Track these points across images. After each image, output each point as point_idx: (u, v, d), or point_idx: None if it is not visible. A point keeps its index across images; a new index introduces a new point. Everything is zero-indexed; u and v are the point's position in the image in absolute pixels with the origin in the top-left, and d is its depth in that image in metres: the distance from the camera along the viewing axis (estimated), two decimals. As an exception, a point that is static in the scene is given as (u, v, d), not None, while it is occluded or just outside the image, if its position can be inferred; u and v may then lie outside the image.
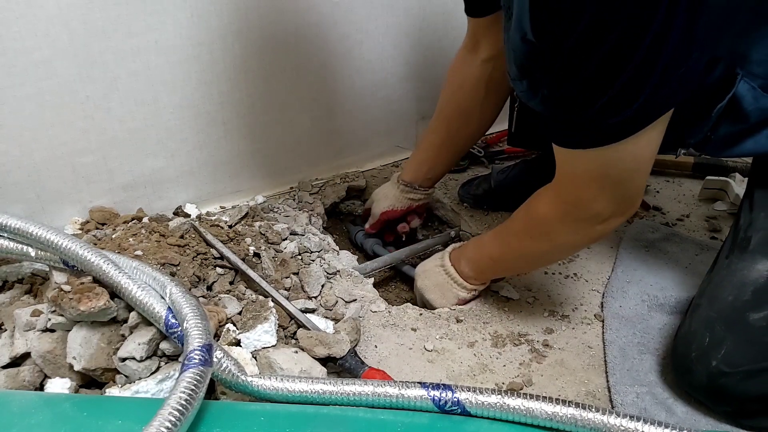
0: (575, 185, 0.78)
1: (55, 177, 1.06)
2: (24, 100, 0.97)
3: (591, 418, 0.61)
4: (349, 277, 1.05)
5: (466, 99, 1.10)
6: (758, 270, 0.80)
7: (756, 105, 0.78)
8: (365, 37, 1.27)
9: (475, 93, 1.08)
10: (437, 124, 1.15)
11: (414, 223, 1.26)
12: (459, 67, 1.10)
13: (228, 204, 1.27)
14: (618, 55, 0.62)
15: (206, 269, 0.94)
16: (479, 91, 1.08)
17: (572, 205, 0.80)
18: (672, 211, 1.29)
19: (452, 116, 1.12)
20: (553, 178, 0.82)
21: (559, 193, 0.81)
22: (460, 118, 1.12)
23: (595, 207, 0.78)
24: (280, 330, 0.87)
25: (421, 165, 1.18)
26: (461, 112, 1.11)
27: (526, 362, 0.91)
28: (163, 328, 0.72)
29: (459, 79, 1.10)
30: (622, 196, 0.78)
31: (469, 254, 0.99)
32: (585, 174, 0.76)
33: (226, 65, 1.13)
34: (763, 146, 0.81)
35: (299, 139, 1.32)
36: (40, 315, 0.80)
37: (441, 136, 1.14)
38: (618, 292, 1.03)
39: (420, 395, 0.66)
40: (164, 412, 0.54)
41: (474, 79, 1.07)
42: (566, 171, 0.78)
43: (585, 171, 0.76)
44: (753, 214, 0.85)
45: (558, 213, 0.82)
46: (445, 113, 1.13)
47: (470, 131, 1.13)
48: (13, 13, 0.90)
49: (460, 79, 1.09)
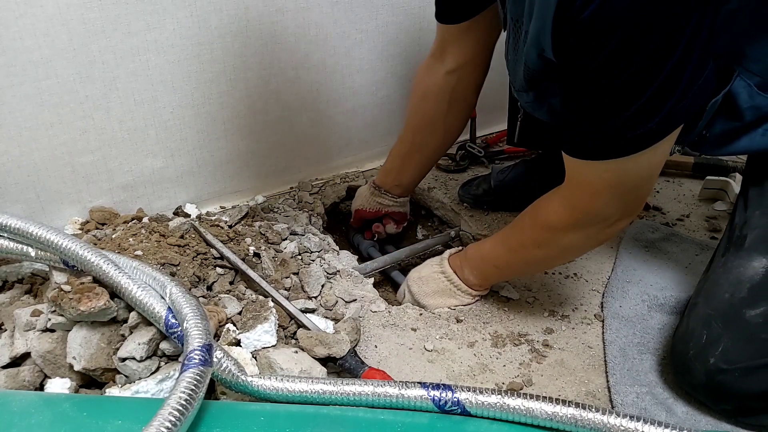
0: (588, 194, 0.78)
1: (55, 177, 1.06)
2: (23, 100, 0.97)
3: (591, 418, 0.61)
4: (349, 277, 1.05)
5: (430, 111, 1.09)
6: (754, 267, 0.80)
7: (751, 103, 0.78)
8: (365, 37, 1.27)
9: (439, 105, 1.08)
10: (404, 134, 1.14)
11: (389, 228, 1.24)
12: (423, 76, 1.09)
13: (228, 204, 1.27)
14: (645, 73, 0.62)
15: (206, 269, 0.94)
16: (442, 104, 1.07)
17: (583, 213, 0.80)
18: (672, 211, 1.29)
19: (417, 127, 1.12)
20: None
21: (570, 201, 0.81)
22: (425, 129, 1.11)
23: (605, 212, 0.78)
24: (280, 330, 0.87)
25: (388, 172, 1.18)
26: (426, 124, 1.11)
27: (526, 362, 0.91)
28: (163, 328, 0.72)
29: (422, 90, 1.09)
30: (632, 200, 0.78)
31: (472, 262, 0.98)
32: (599, 183, 0.76)
33: (226, 65, 1.13)
34: (758, 144, 0.81)
35: (299, 139, 1.31)
36: (40, 315, 0.80)
37: (407, 146, 1.14)
38: (618, 292, 1.03)
39: (420, 395, 0.66)
40: (164, 412, 0.54)
41: (437, 90, 1.06)
42: (579, 180, 0.78)
43: (600, 180, 0.75)
44: (748, 212, 0.85)
45: (568, 221, 0.81)
46: (412, 124, 1.13)
47: (436, 143, 1.13)
48: (13, 13, 0.90)
49: (424, 90, 1.08)
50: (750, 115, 0.79)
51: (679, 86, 0.63)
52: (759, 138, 0.81)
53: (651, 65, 0.61)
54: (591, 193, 0.77)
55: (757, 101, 0.78)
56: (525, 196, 0.90)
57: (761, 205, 0.84)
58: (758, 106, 0.79)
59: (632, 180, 0.75)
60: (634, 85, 0.63)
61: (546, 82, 0.77)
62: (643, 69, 0.62)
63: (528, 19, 0.71)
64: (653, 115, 0.66)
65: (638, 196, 0.78)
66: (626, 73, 0.62)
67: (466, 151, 1.47)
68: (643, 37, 0.60)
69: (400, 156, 1.16)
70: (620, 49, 0.61)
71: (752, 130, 0.81)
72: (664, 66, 0.61)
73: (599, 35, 0.61)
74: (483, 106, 1.56)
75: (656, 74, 0.62)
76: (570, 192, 0.80)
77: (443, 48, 1.04)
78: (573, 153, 0.75)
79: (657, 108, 0.65)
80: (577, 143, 0.74)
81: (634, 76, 0.62)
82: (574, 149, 0.75)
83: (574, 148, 0.75)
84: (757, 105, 0.78)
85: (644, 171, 0.74)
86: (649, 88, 0.63)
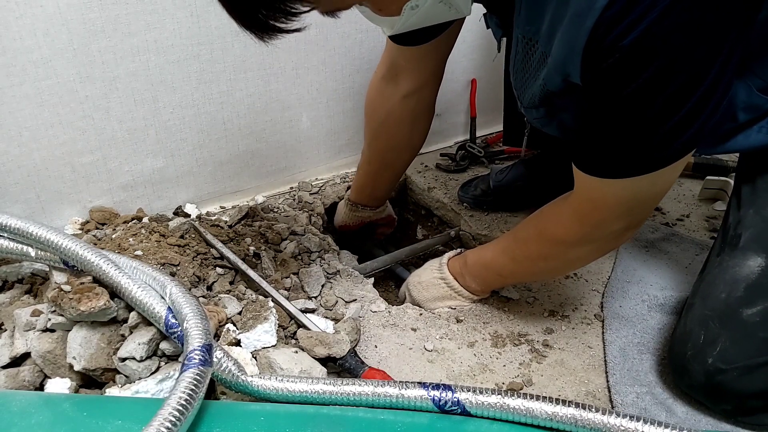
0: (600, 210, 0.76)
1: (55, 177, 1.06)
2: (23, 100, 0.97)
3: (591, 418, 0.61)
4: (349, 277, 1.05)
5: (394, 135, 1.09)
6: (749, 266, 0.80)
7: (749, 102, 0.78)
8: (365, 37, 1.27)
9: (401, 128, 1.08)
10: (371, 156, 1.15)
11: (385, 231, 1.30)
12: (378, 101, 1.07)
13: (228, 204, 1.27)
14: (681, 95, 0.61)
15: (206, 269, 0.94)
16: (404, 126, 1.07)
17: (594, 227, 0.78)
18: (672, 211, 1.29)
19: (384, 150, 1.13)
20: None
21: (579, 215, 0.79)
22: (392, 151, 1.13)
23: (614, 227, 0.77)
24: (280, 330, 0.87)
25: (362, 189, 1.20)
26: (391, 147, 1.12)
27: (526, 362, 0.91)
28: (163, 328, 0.72)
29: (381, 116, 1.08)
30: (641, 213, 0.78)
31: (474, 270, 0.97)
32: (612, 199, 0.74)
33: (226, 65, 1.13)
34: (754, 141, 0.81)
35: (299, 139, 1.32)
36: (40, 315, 0.80)
37: (376, 165, 1.15)
38: (618, 292, 1.03)
39: (420, 395, 0.66)
40: (164, 412, 0.54)
41: (397, 115, 1.06)
42: (591, 196, 0.76)
43: (613, 197, 0.74)
44: (741, 211, 0.85)
45: (577, 235, 0.80)
46: (376, 147, 1.13)
47: (405, 158, 1.16)
48: (13, 13, 0.90)
49: (383, 116, 1.07)
50: (746, 113, 0.79)
51: (710, 104, 0.63)
52: (755, 135, 0.81)
53: (687, 88, 0.61)
54: (602, 209, 0.76)
55: (754, 100, 0.78)
56: (524, 197, 0.90)
57: (754, 203, 0.84)
58: (755, 105, 0.79)
59: (646, 196, 0.74)
60: (669, 108, 0.62)
61: (559, 98, 0.76)
62: (679, 91, 0.61)
63: (546, 41, 0.69)
64: (682, 134, 0.65)
65: (647, 209, 0.78)
66: (662, 97, 0.61)
67: (466, 151, 1.47)
68: (682, 63, 0.59)
69: (370, 174, 1.17)
70: (659, 75, 0.60)
71: (748, 128, 0.81)
72: (699, 87, 0.61)
73: (639, 62, 0.60)
74: (483, 106, 1.57)
75: (691, 95, 0.61)
76: (580, 206, 0.79)
77: (395, 72, 1.02)
78: (589, 171, 0.73)
79: (687, 127, 0.64)
80: (594, 161, 0.72)
81: (670, 98, 0.62)
82: (590, 167, 0.72)
83: (591, 165, 0.72)
84: (754, 104, 0.78)
85: (659, 187, 0.74)
86: (683, 109, 0.62)
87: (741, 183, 0.89)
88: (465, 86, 1.53)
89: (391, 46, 1.00)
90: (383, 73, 1.05)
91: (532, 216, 0.89)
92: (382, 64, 1.05)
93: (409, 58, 0.99)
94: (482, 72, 1.53)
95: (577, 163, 0.75)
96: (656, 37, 0.58)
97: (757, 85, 0.78)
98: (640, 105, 0.63)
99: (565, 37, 0.65)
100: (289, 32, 0.62)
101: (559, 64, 0.68)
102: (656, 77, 0.60)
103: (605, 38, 0.59)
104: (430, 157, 1.51)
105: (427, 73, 1.02)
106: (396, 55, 1.01)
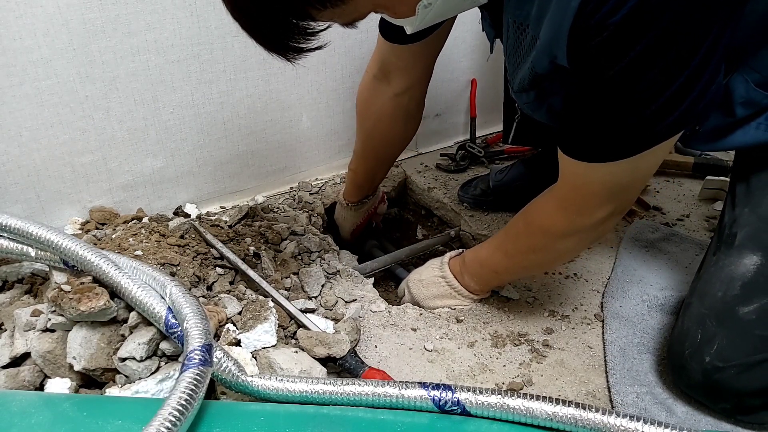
0: (584, 196, 0.77)
1: (55, 177, 1.06)
2: (23, 100, 0.97)
3: (591, 418, 0.61)
4: (349, 277, 1.05)
5: (388, 133, 1.11)
6: (745, 264, 0.80)
7: (747, 97, 0.78)
8: (365, 37, 1.27)
9: (395, 126, 1.10)
10: (367, 153, 1.16)
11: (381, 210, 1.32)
12: (371, 100, 1.09)
13: (228, 204, 1.27)
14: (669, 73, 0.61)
15: (206, 269, 0.94)
16: (397, 124, 1.09)
17: (577, 214, 0.79)
18: (672, 211, 1.29)
19: (378, 147, 1.15)
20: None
21: (563, 203, 0.80)
22: (387, 148, 1.15)
23: (598, 214, 0.78)
24: (280, 330, 0.87)
25: (361, 187, 1.22)
26: (386, 144, 1.14)
27: (526, 362, 0.91)
28: (163, 328, 0.72)
29: (374, 114, 1.09)
30: (625, 199, 0.78)
31: (471, 269, 0.98)
32: (597, 186, 0.75)
33: (226, 65, 1.13)
34: (752, 138, 0.81)
35: (299, 139, 1.32)
36: (40, 315, 0.80)
37: (372, 162, 1.18)
38: (618, 292, 1.03)
39: (420, 395, 0.66)
40: (164, 412, 0.54)
41: (390, 113, 1.07)
42: (576, 184, 0.77)
43: (598, 183, 0.74)
44: (736, 210, 0.85)
45: (562, 224, 0.81)
46: (370, 145, 1.15)
47: (398, 151, 1.20)
48: (13, 13, 0.90)
49: (376, 115, 1.09)
50: (744, 109, 0.79)
51: (699, 84, 0.63)
52: (753, 132, 0.81)
53: (676, 65, 0.61)
54: (586, 195, 0.77)
55: (753, 96, 0.78)
56: (524, 196, 0.90)
57: (749, 202, 0.84)
58: (753, 101, 0.78)
59: (628, 181, 0.74)
60: (657, 86, 0.62)
61: (548, 81, 0.77)
62: (667, 69, 0.61)
63: (536, 24, 0.70)
64: (666, 117, 0.65)
65: (630, 195, 0.78)
66: (650, 74, 0.61)
67: (466, 151, 1.47)
68: (672, 39, 0.59)
69: (368, 171, 1.19)
70: (648, 51, 0.60)
71: (745, 125, 0.81)
72: (685, 69, 0.61)
73: (627, 39, 0.60)
74: (483, 106, 1.57)
75: (677, 77, 0.61)
76: (564, 194, 0.80)
77: (387, 70, 1.03)
78: (575, 155, 0.73)
79: (671, 110, 0.64)
80: (580, 145, 0.73)
81: (658, 76, 0.61)
82: (576, 151, 0.73)
83: (577, 149, 0.73)
84: (751, 99, 0.78)
85: (642, 172, 0.74)
86: (671, 88, 0.62)
87: (736, 181, 0.88)
88: (465, 86, 1.53)
89: (383, 45, 1.00)
90: (375, 72, 1.05)
91: (521, 210, 0.89)
92: (374, 63, 1.06)
93: (401, 56, 1.00)
94: (482, 72, 1.53)
95: (562, 146, 0.75)
96: (648, 12, 0.58)
97: (755, 79, 0.77)
98: (624, 85, 0.63)
99: (552, 19, 0.65)
100: (311, 50, 0.66)
101: (546, 46, 0.68)
102: (642, 56, 0.60)
103: (592, 16, 0.60)
104: (430, 157, 1.51)
105: (419, 71, 1.03)
106: (388, 54, 1.01)
